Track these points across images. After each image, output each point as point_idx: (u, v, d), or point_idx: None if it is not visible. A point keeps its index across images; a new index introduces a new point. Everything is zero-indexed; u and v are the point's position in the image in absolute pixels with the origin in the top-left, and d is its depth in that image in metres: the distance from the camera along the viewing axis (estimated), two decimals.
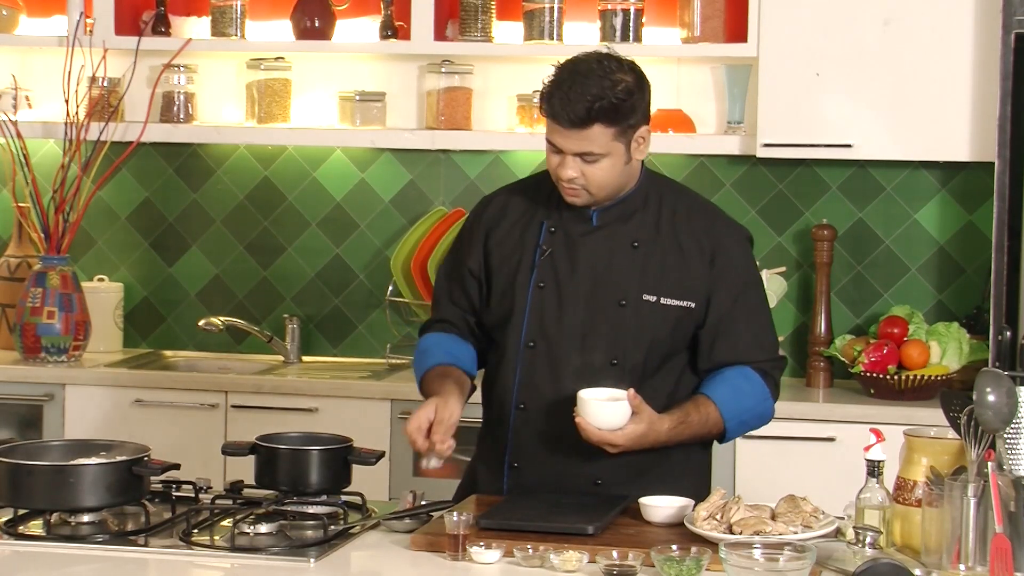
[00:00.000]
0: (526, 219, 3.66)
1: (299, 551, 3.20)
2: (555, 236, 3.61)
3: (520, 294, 3.61)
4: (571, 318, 3.57)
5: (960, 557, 3.01)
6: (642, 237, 3.59)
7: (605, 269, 3.58)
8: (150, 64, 5.69)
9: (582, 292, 3.58)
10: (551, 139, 3.49)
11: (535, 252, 3.62)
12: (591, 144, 3.45)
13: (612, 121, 3.45)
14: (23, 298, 5.50)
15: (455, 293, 3.72)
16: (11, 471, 3.34)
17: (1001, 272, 4.84)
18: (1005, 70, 4.83)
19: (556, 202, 3.63)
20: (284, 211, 5.80)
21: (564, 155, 3.48)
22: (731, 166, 5.54)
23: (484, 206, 3.75)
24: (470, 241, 3.71)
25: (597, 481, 3.57)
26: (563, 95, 3.43)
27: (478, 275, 3.68)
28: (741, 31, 5.26)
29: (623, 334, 3.56)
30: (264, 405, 5.23)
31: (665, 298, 3.56)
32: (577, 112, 3.42)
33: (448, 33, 5.54)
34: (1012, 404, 3.05)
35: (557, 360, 3.57)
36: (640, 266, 3.57)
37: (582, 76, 3.44)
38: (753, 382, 3.60)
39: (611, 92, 3.43)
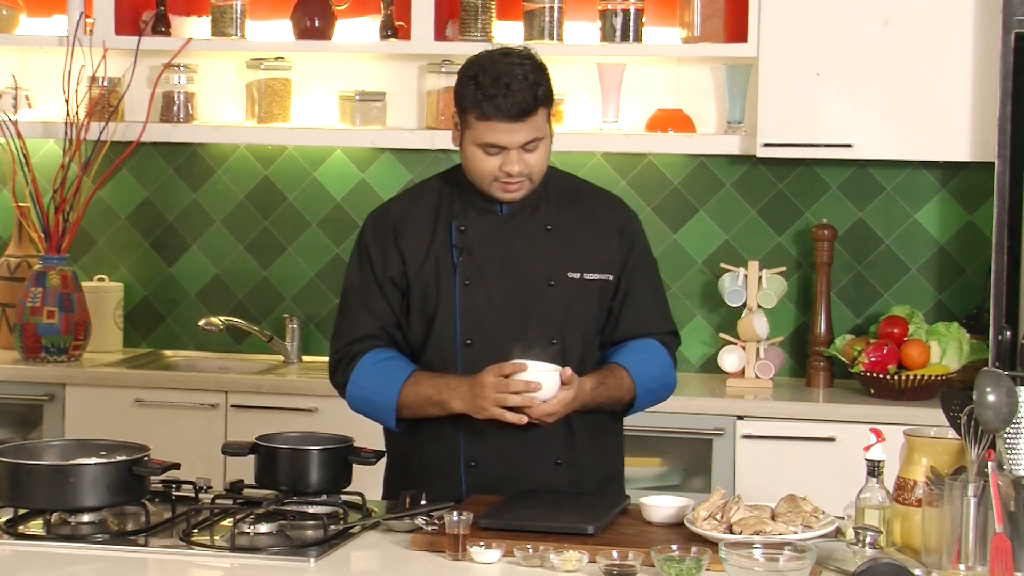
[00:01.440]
0: (432, 222, 3.66)
1: (299, 551, 3.20)
2: (467, 234, 3.64)
3: (445, 296, 3.62)
4: (504, 309, 3.61)
5: (960, 557, 3.01)
6: (553, 221, 3.66)
7: (526, 255, 3.63)
8: (150, 64, 5.69)
9: (509, 281, 3.62)
10: (490, 141, 3.52)
11: (451, 252, 3.64)
12: (535, 130, 3.53)
13: (548, 103, 3.56)
14: (23, 298, 5.50)
15: (375, 307, 3.66)
16: (11, 471, 3.34)
17: (1001, 272, 4.84)
18: (1005, 70, 4.83)
19: (457, 201, 3.67)
20: (284, 211, 5.80)
21: (507, 152, 3.53)
22: (731, 166, 5.54)
23: (383, 216, 3.72)
24: (381, 251, 3.67)
25: (557, 460, 3.64)
26: (503, 90, 3.48)
27: (400, 283, 3.66)
28: (741, 31, 5.26)
29: (556, 313, 3.62)
30: (264, 405, 5.24)
31: (588, 273, 3.65)
32: (526, 101, 3.49)
33: (448, 33, 5.54)
34: (1012, 404, 3.05)
35: (497, 352, 3.57)
36: (558, 247, 3.65)
37: (507, 69, 3.51)
38: (658, 353, 3.72)
39: (540, 76, 3.53)
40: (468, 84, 3.53)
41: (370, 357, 3.66)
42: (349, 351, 3.67)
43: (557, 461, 3.64)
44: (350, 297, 3.71)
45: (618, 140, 5.43)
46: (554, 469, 3.64)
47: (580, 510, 3.36)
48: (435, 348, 3.65)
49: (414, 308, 3.66)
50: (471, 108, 3.52)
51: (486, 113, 3.50)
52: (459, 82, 3.56)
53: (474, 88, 3.51)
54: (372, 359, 3.65)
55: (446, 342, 3.63)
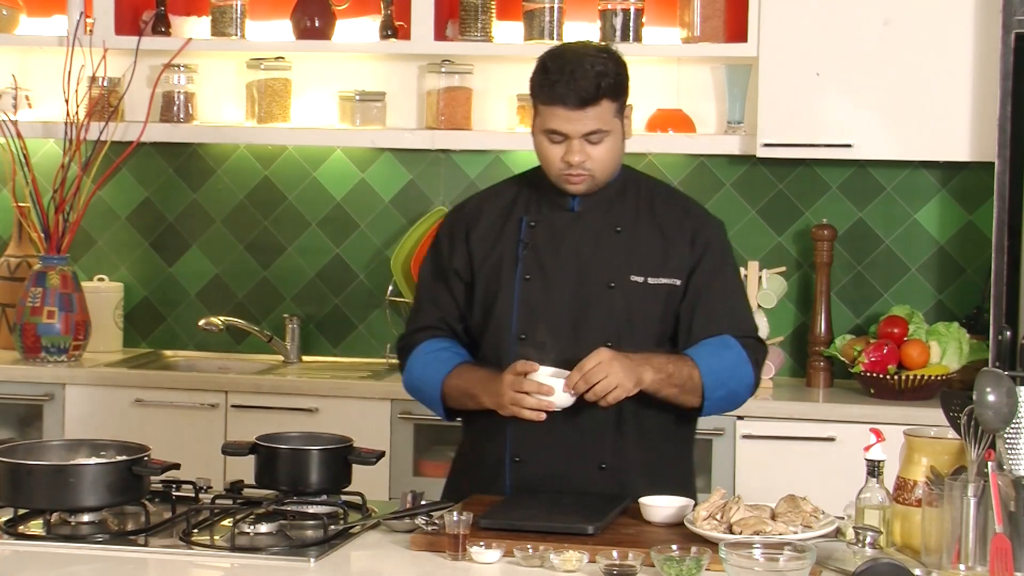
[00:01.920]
0: (503, 218, 3.68)
1: (299, 551, 3.20)
2: (536, 230, 3.64)
3: (506, 289, 3.62)
4: (561, 306, 3.59)
5: (960, 557, 3.01)
6: (624, 222, 3.63)
7: (591, 255, 3.61)
8: (150, 64, 5.69)
9: (570, 280, 3.61)
10: (553, 127, 3.52)
11: (517, 247, 3.64)
12: (598, 121, 3.51)
13: (615, 96, 3.53)
14: (23, 298, 5.50)
15: (440, 297, 3.71)
16: (11, 471, 3.34)
17: (1001, 272, 4.84)
18: (1005, 70, 4.83)
19: (534, 199, 3.67)
20: (284, 211, 5.80)
21: (569, 140, 3.52)
22: (731, 166, 5.54)
23: (459, 209, 3.78)
24: (451, 244, 3.71)
25: (602, 465, 3.58)
26: (567, 78, 3.48)
27: (465, 276, 3.69)
28: (741, 31, 5.26)
29: (615, 316, 3.59)
30: (264, 405, 5.24)
31: (652, 277, 3.60)
32: (587, 90, 3.48)
33: (448, 33, 5.54)
34: (1012, 404, 3.05)
35: (551, 349, 3.56)
36: (625, 249, 3.61)
37: (578, 57, 3.51)
38: (731, 347, 3.60)
39: (610, 68, 3.52)
40: (538, 70, 3.55)
41: (424, 347, 3.70)
42: (410, 341, 3.74)
43: (601, 465, 3.59)
44: (420, 287, 3.78)
45: None
46: (598, 473, 3.59)
47: (580, 510, 3.35)
48: (491, 341, 3.64)
49: (476, 299, 3.67)
50: (537, 93, 3.54)
51: (549, 99, 3.51)
52: (533, 69, 3.57)
53: (542, 74, 3.53)
54: (426, 349, 3.70)
55: (501, 335, 3.62)
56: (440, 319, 3.72)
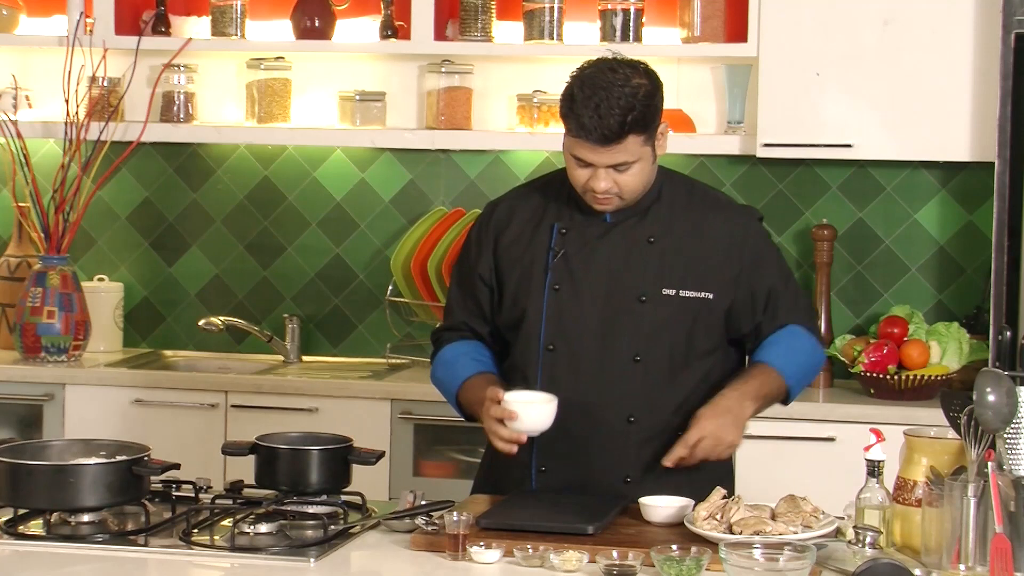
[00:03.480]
0: (535, 222, 3.63)
1: (299, 551, 3.20)
2: (567, 237, 3.59)
3: (535, 297, 3.59)
4: (590, 318, 3.55)
5: (960, 557, 3.01)
6: (657, 232, 3.57)
7: (622, 266, 3.56)
8: (150, 64, 5.69)
9: (599, 291, 3.56)
10: (578, 155, 3.46)
11: (547, 255, 3.59)
12: (624, 155, 3.44)
13: (643, 129, 3.45)
14: (23, 298, 5.50)
15: (467, 301, 3.70)
16: (11, 471, 3.34)
17: (1001, 272, 4.84)
18: (1005, 70, 4.83)
19: (566, 203, 3.62)
20: (284, 211, 5.81)
21: (595, 168, 3.46)
22: (731, 166, 5.54)
23: (491, 211, 3.71)
24: (479, 247, 3.68)
25: (627, 479, 3.56)
26: (592, 112, 3.39)
27: (489, 281, 3.66)
28: (741, 31, 5.26)
29: (644, 330, 3.54)
30: (264, 405, 5.24)
31: (684, 291, 3.55)
32: (611, 128, 3.40)
33: (448, 33, 5.54)
34: (1012, 404, 3.05)
35: (578, 362, 3.55)
36: (657, 261, 3.56)
37: (604, 90, 3.41)
38: (801, 338, 3.62)
39: (639, 102, 3.42)
40: (566, 95, 3.46)
41: (449, 349, 3.72)
42: (440, 337, 3.76)
43: (626, 479, 3.56)
44: (452, 285, 3.79)
45: None
46: (623, 486, 3.55)
47: (580, 510, 3.35)
48: (520, 350, 3.62)
49: (505, 306, 3.64)
50: (565, 119, 3.47)
51: (574, 130, 3.44)
52: (564, 88, 3.48)
53: (570, 101, 3.44)
54: (450, 351, 3.71)
55: (530, 345, 3.59)
56: (464, 322, 3.71)
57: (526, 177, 5.52)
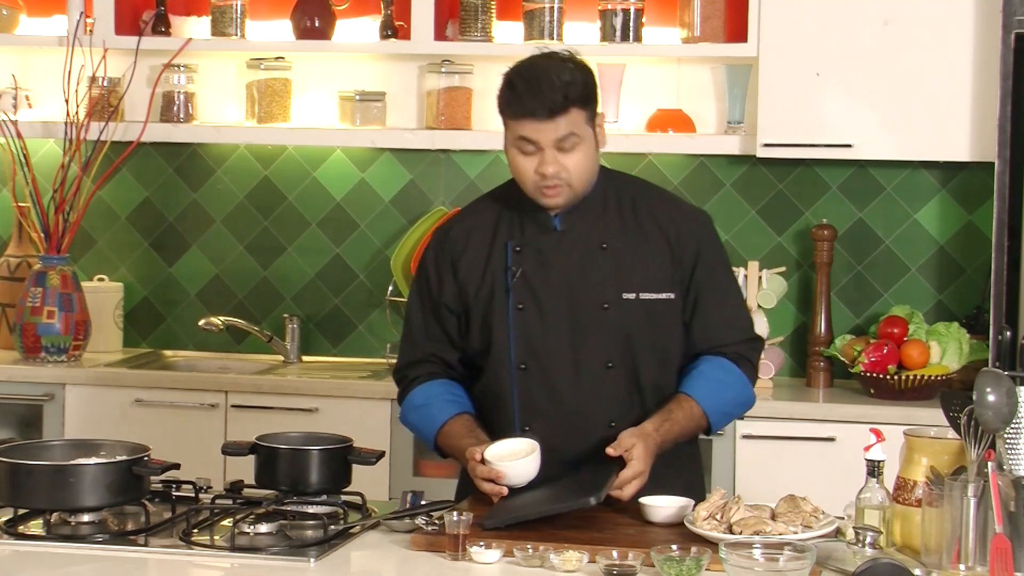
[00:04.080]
0: (489, 242, 3.63)
1: (299, 551, 3.20)
2: (522, 254, 3.60)
3: (500, 320, 3.59)
4: (558, 332, 3.57)
5: (960, 557, 3.01)
6: (609, 237, 3.59)
7: (579, 276, 3.57)
8: (150, 64, 5.69)
9: (563, 304, 3.57)
10: (525, 137, 3.48)
11: (506, 275, 3.60)
12: (569, 127, 3.47)
13: (584, 103, 3.49)
14: (23, 298, 5.50)
15: (431, 329, 3.68)
16: (11, 471, 3.34)
17: (1001, 272, 4.84)
18: (1005, 70, 4.83)
19: (515, 218, 3.63)
20: (284, 211, 5.81)
21: (542, 151, 3.48)
22: (731, 166, 5.54)
23: (443, 237, 3.70)
24: (439, 276, 3.67)
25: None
26: (534, 88, 3.45)
27: (456, 309, 3.65)
28: (741, 31, 5.26)
29: (611, 336, 3.56)
30: (264, 405, 5.24)
31: (644, 293, 3.57)
32: (554, 99, 3.44)
33: (448, 33, 5.54)
34: (1012, 404, 3.05)
35: (552, 376, 3.57)
36: (613, 266, 3.58)
37: (543, 69, 3.49)
38: (730, 372, 3.61)
39: (577, 77, 3.49)
40: (504, 87, 3.52)
41: (418, 393, 3.68)
42: (405, 375, 3.72)
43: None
44: (410, 317, 3.74)
45: (618, 140, 5.42)
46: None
47: (576, 488, 3.34)
48: (492, 372, 3.62)
49: (473, 332, 3.64)
50: (505, 109, 3.51)
51: (517, 112, 3.48)
52: (500, 87, 3.53)
53: (509, 90, 3.50)
54: (420, 396, 3.67)
55: (502, 367, 3.59)
56: (432, 353, 3.69)
57: None
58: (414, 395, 3.69)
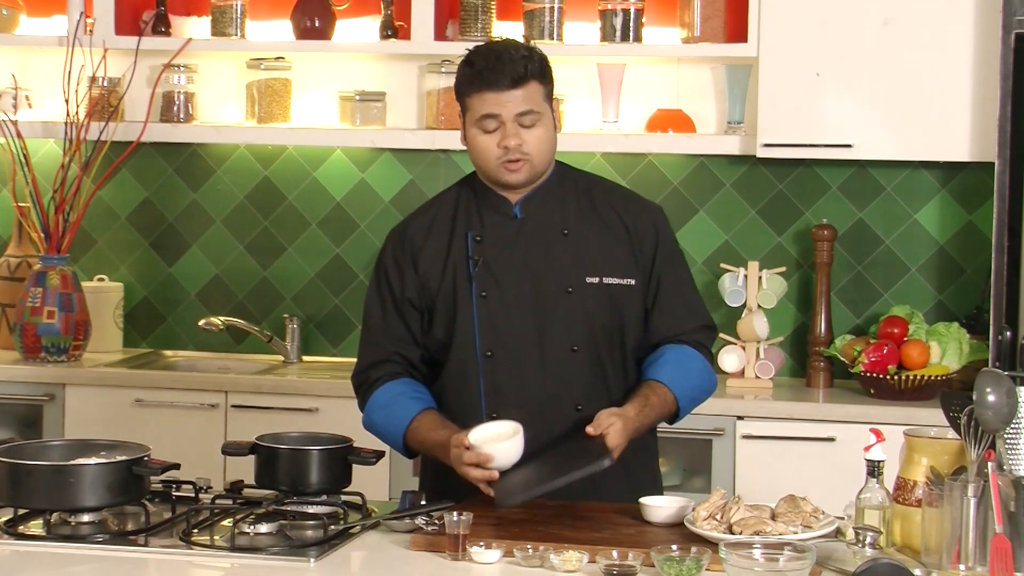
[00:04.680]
0: (447, 236, 3.66)
1: (299, 551, 3.20)
2: (483, 244, 3.63)
3: (464, 309, 3.61)
4: (522, 318, 3.59)
5: (960, 557, 3.01)
6: (570, 224, 3.64)
7: (542, 261, 3.61)
8: (150, 64, 5.69)
9: (526, 290, 3.60)
10: (486, 111, 3.53)
11: (468, 265, 3.62)
12: (529, 102, 3.54)
13: (542, 78, 3.57)
14: (23, 298, 5.50)
15: (393, 328, 3.68)
16: (11, 471, 3.34)
17: (1001, 272, 4.84)
18: (1005, 70, 4.83)
19: (473, 209, 3.66)
20: (284, 211, 5.81)
21: (503, 124, 3.54)
22: (731, 166, 5.54)
23: (400, 235, 3.73)
24: (399, 273, 3.68)
25: None
26: (492, 65, 3.53)
27: (419, 304, 3.66)
28: (741, 31, 5.26)
29: (575, 320, 3.59)
30: (264, 405, 5.24)
31: (607, 277, 3.62)
32: (515, 70, 3.52)
33: (448, 33, 5.54)
34: (1012, 404, 3.05)
35: (518, 362, 3.59)
36: (575, 251, 3.62)
37: (500, 48, 3.59)
38: (694, 359, 3.67)
39: (535, 55, 3.58)
40: (463, 67, 3.60)
41: (381, 393, 3.66)
42: (367, 377, 3.71)
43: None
44: (369, 319, 3.74)
45: (618, 140, 5.43)
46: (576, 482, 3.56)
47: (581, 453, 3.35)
48: (456, 361, 3.63)
49: (436, 324, 3.65)
50: (466, 88, 3.57)
51: (478, 87, 3.54)
52: (457, 73, 3.61)
53: (468, 68, 3.58)
54: (383, 396, 3.66)
55: (467, 355, 3.61)
56: (394, 352, 3.69)
57: None
58: (376, 396, 3.68)
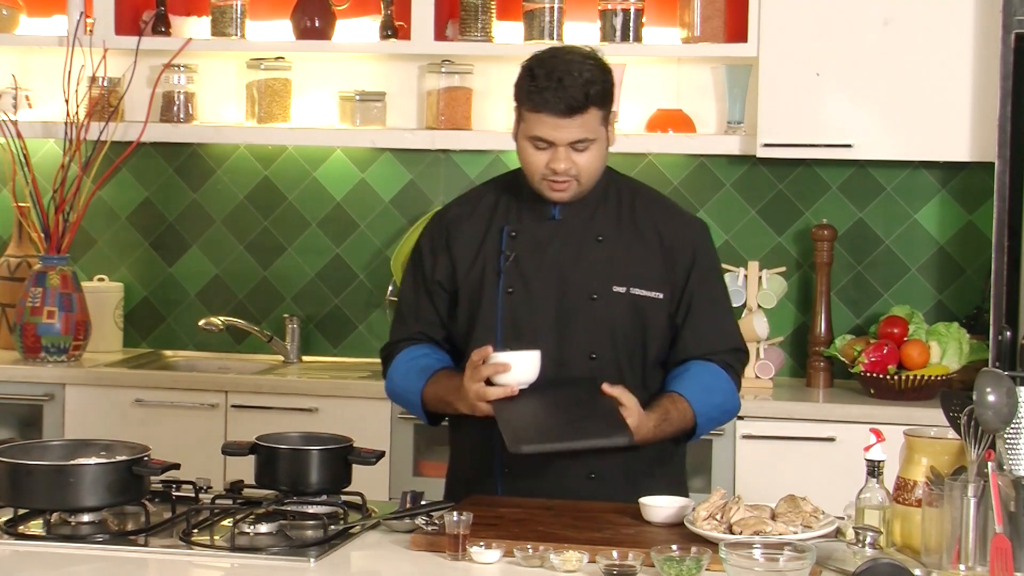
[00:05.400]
0: (485, 226, 3.65)
1: (299, 551, 3.20)
2: (517, 240, 3.61)
3: (489, 302, 3.60)
4: (544, 318, 3.57)
5: (960, 557, 3.01)
6: (606, 231, 3.61)
7: (572, 266, 3.59)
8: (150, 64, 5.69)
9: (552, 291, 3.58)
10: (539, 134, 3.49)
11: (499, 258, 3.61)
12: (585, 130, 3.48)
13: (603, 104, 3.50)
14: (23, 298, 5.50)
15: (423, 309, 3.69)
16: (11, 471, 3.34)
17: (1001, 272, 4.84)
18: (1005, 70, 4.83)
19: (515, 204, 3.64)
20: (284, 211, 5.81)
21: (555, 148, 3.49)
22: (731, 166, 5.54)
23: (440, 218, 3.73)
24: (433, 254, 3.68)
25: (591, 475, 3.57)
26: (556, 84, 3.45)
27: (448, 286, 3.66)
28: (741, 31, 5.26)
29: (597, 328, 3.57)
30: (264, 405, 5.24)
31: (635, 288, 3.58)
32: (576, 98, 3.45)
33: (448, 33, 5.54)
34: (1012, 404, 3.05)
35: None
36: (607, 259, 3.59)
37: (565, 64, 3.48)
38: (719, 378, 3.61)
39: (598, 75, 3.49)
40: (524, 76, 3.52)
41: (404, 355, 3.69)
42: (392, 350, 3.73)
43: (591, 475, 3.58)
44: (401, 297, 3.76)
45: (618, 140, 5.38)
46: (586, 482, 3.57)
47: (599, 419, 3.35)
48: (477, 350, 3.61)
49: (460, 310, 3.65)
50: (524, 100, 3.52)
51: (536, 106, 3.49)
52: (519, 74, 3.55)
53: (529, 80, 3.51)
54: (405, 357, 3.69)
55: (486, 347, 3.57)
56: (421, 332, 3.70)
57: None
58: (398, 359, 3.70)
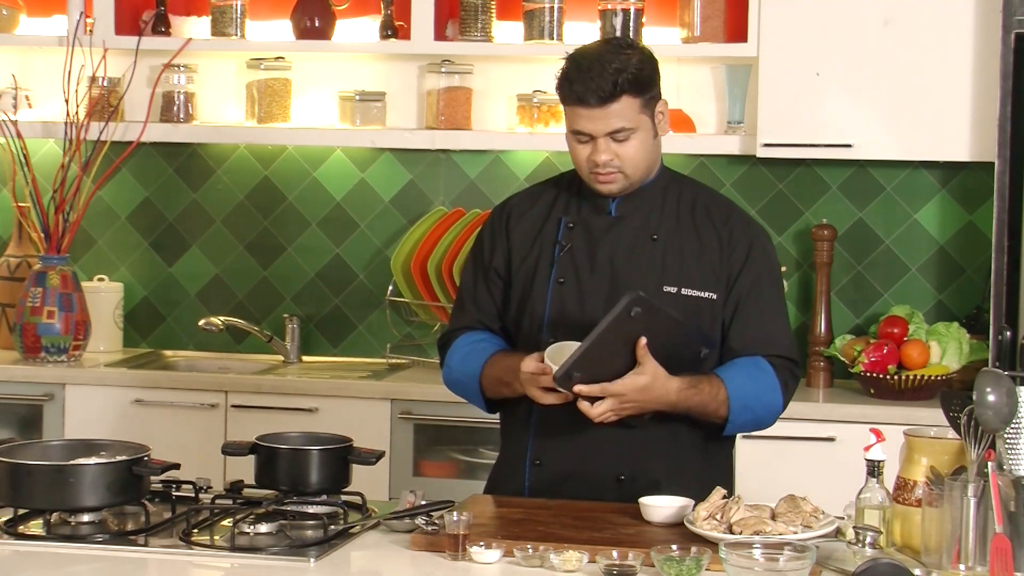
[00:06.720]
0: (544, 217, 3.67)
1: (299, 551, 3.20)
2: (574, 232, 3.62)
3: (539, 291, 3.61)
4: (592, 312, 3.55)
5: (960, 557, 3.01)
6: (661, 230, 3.60)
7: (625, 262, 3.58)
8: (150, 64, 5.69)
9: (602, 286, 3.58)
10: (577, 128, 3.51)
11: (554, 249, 3.63)
12: (621, 119, 3.49)
13: (637, 91, 3.49)
14: (23, 298, 5.50)
15: (481, 296, 3.71)
16: (11, 471, 3.34)
17: (1001, 272, 4.84)
18: (1005, 70, 4.83)
19: (573, 199, 3.66)
20: (284, 211, 5.81)
21: (595, 140, 3.51)
22: (731, 166, 5.54)
23: (502, 207, 3.76)
24: (492, 241, 3.71)
25: (620, 477, 3.56)
26: (584, 77, 3.47)
27: (503, 275, 3.68)
28: (741, 31, 5.26)
29: None
30: (264, 405, 5.24)
31: (686, 288, 3.56)
32: (604, 87, 3.46)
33: (448, 33, 5.54)
34: (1012, 404, 3.05)
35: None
36: (660, 258, 3.58)
37: (596, 56, 3.50)
38: (764, 371, 3.55)
39: (629, 64, 3.49)
40: (563, 70, 3.54)
41: (462, 340, 3.70)
42: (449, 338, 3.74)
43: (620, 478, 3.56)
44: (462, 284, 3.78)
45: None
46: (615, 484, 3.56)
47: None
48: (524, 342, 3.63)
49: (512, 299, 3.67)
50: (561, 93, 3.54)
51: (569, 99, 3.51)
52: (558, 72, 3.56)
53: (563, 75, 3.53)
54: (463, 342, 3.70)
55: (532, 337, 3.60)
56: (478, 320, 3.72)
57: (526, 177, 5.54)
58: (457, 343, 3.70)
